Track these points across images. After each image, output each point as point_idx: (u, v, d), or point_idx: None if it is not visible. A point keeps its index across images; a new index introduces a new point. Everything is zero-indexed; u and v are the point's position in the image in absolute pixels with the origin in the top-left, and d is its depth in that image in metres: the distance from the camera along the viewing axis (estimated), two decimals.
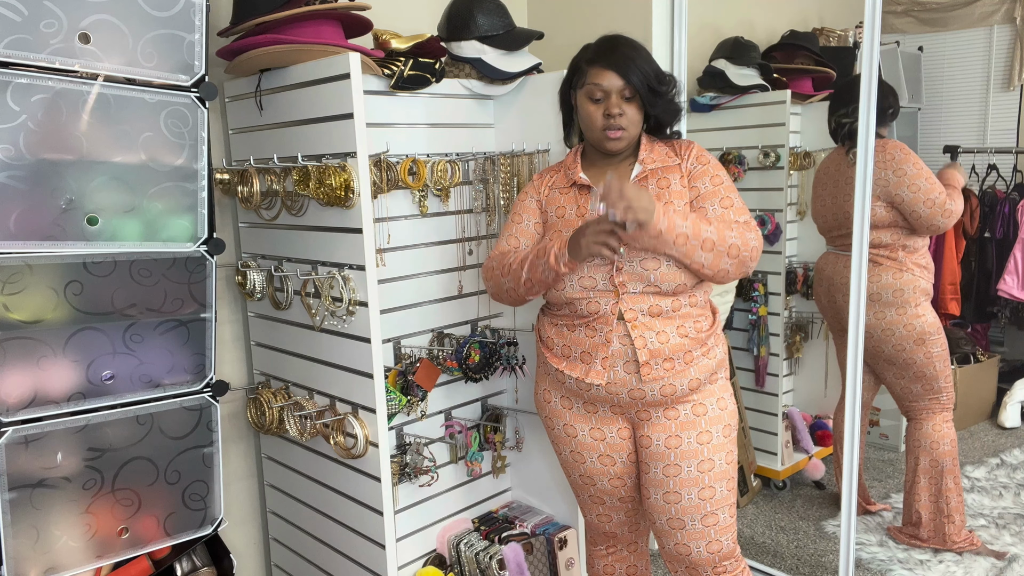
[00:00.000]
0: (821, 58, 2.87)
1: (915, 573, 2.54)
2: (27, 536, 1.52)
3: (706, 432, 1.72)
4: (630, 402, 1.72)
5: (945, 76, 4.35)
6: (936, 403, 2.65)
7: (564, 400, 1.82)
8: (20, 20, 1.38)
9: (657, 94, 1.70)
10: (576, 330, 1.73)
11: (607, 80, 1.66)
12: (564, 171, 1.84)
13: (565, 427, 1.83)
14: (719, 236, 1.62)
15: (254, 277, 2.01)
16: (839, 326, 2.77)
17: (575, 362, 1.74)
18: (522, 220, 1.85)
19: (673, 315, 1.69)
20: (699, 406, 1.73)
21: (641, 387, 1.68)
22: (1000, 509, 2.92)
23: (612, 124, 1.68)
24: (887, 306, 2.55)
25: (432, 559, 2.28)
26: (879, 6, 1.95)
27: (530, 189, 1.87)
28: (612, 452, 1.81)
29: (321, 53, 1.73)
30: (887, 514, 2.93)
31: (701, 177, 1.73)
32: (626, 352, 1.67)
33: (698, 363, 1.70)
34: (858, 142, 2.06)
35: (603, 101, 1.68)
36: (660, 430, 1.73)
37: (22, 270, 1.46)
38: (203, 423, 1.70)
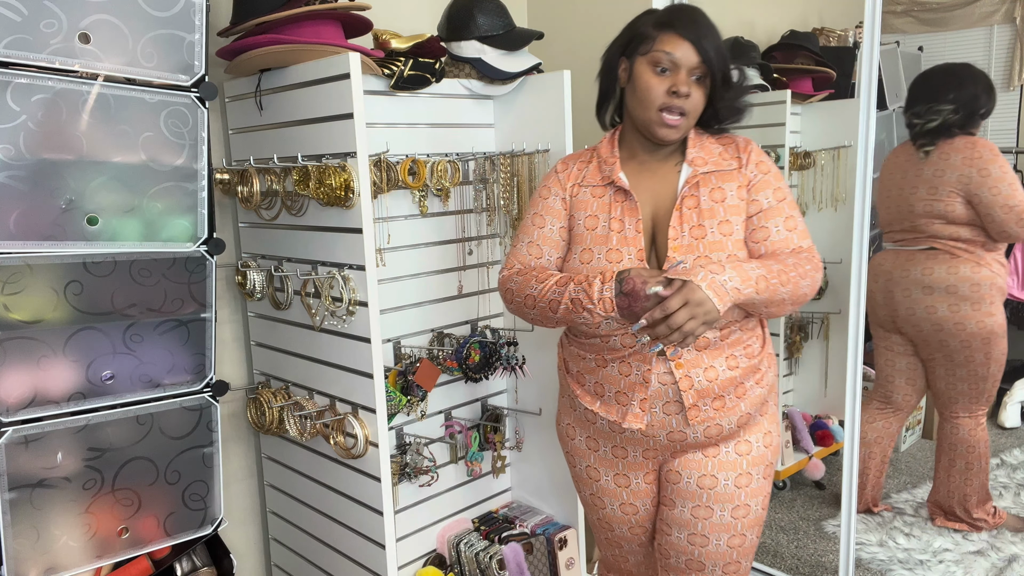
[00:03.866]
0: (821, 58, 2.87)
1: (915, 573, 2.54)
2: (27, 536, 1.52)
3: (746, 474, 1.50)
4: (667, 444, 1.51)
5: None
6: (976, 406, 2.68)
7: (590, 441, 1.61)
8: (20, 20, 1.38)
9: (729, 83, 1.46)
10: (608, 366, 1.50)
11: (681, 51, 1.40)
12: (598, 163, 1.55)
13: (588, 469, 1.65)
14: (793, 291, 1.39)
15: (254, 277, 2.01)
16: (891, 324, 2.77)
17: (609, 403, 1.51)
18: (544, 224, 1.58)
19: (722, 345, 1.45)
20: (743, 443, 1.51)
21: (683, 430, 1.47)
22: (1000, 508, 2.92)
23: (674, 104, 1.41)
24: (962, 300, 2.53)
25: (432, 559, 2.28)
26: (879, 6, 1.95)
27: (553, 183, 1.59)
28: (635, 500, 1.62)
29: (321, 53, 1.73)
30: (887, 514, 2.93)
31: (763, 189, 1.47)
32: (667, 392, 1.45)
33: (750, 395, 1.48)
34: (858, 142, 2.06)
35: (669, 74, 1.41)
36: (693, 467, 1.51)
37: (22, 270, 1.46)
38: (203, 423, 1.70)
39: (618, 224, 1.48)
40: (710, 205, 1.45)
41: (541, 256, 1.57)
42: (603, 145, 1.56)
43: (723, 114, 1.51)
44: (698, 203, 1.45)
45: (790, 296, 1.39)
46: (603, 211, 1.51)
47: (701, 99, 1.44)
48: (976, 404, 2.67)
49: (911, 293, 2.62)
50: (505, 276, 1.59)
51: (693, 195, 1.46)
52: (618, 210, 1.49)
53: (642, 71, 1.44)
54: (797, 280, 1.40)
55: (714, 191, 1.46)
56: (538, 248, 1.57)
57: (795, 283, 1.39)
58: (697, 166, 1.48)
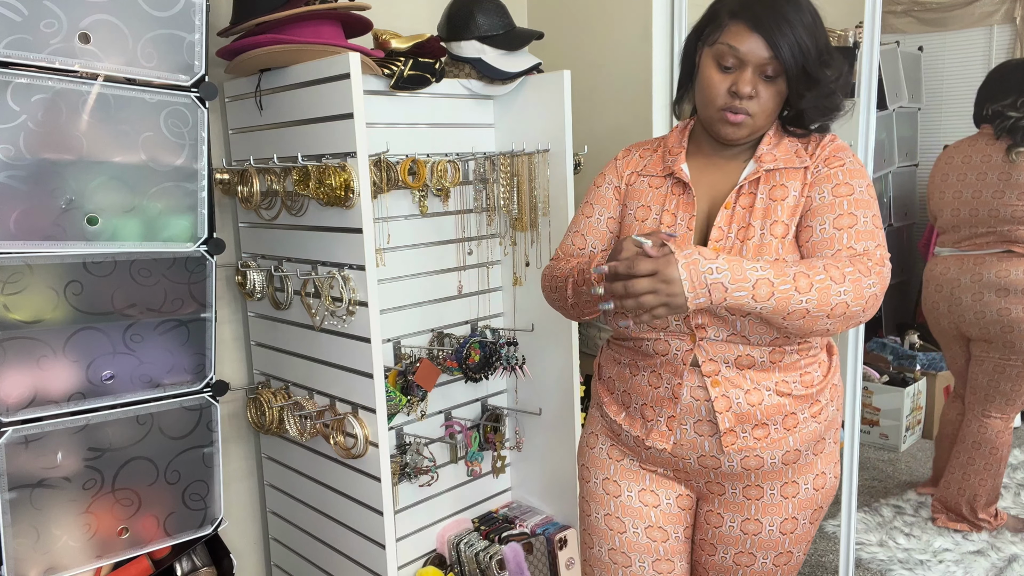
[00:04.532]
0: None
1: (915, 573, 2.54)
2: (27, 536, 1.52)
3: (791, 519, 1.34)
4: (699, 470, 1.34)
5: (945, 76, 4.35)
6: (1011, 409, 2.69)
7: (615, 450, 1.43)
8: (20, 20, 1.38)
9: (812, 81, 1.24)
10: (639, 374, 1.35)
11: (748, 45, 1.22)
12: (663, 152, 1.40)
13: (605, 482, 1.41)
14: (822, 300, 1.14)
15: (254, 277, 2.01)
16: (955, 331, 2.74)
17: (634, 416, 1.37)
18: (593, 213, 1.43)
19: (772, 367, 1.27)
20: (790, 485, 1.33)
21: (717, 455, 1.30)
22: (1000, 509, 2.92)
23: (735, 106, 1.25)
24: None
25: (432, 559, 2.28)
26: (879, 6, 1.95)
27: (609, 170, 1.46)
28: (666, 524, 1.38)
29: (321, 53, 1.73)
30: (887, 514, 2.93)
31: (822, 183, 1.27)
32: (699, 409, 1.28)
33: (803, 428, 1.29)
34: (858, 142, 2.06)
35: (734, 71, 1.25)
36: (736, 510, 1.36)
37: (22, 270, 1.46)
38: (203, 423, 1.70)
39: (670, 218, 1.33)
40: (766, 204, 1.28)
41: (584, 247, 1.43)
42: (672, 135, 1.41)
43: (809, 116, 1.31)
44: (753, 202, 1.29)
45: (817, 307, 1.14)
46: (657, 202, 1.36)
47: (772, 100, 1.26)
48: (1011, 407, 2.68)
49: (983, 296, 2.59)
50: (545, 268, 1.48)
51: (750, 193, 1.30)
52: (673, 203, 1.34)
53: (706, 65, 1.28)
54: (828, 286, 1.14)
55: (775, 189, 1.28)
56: (582, 238, 1.44)
57: (824, 290, 1.14)
58: (763, 163, 1.30)
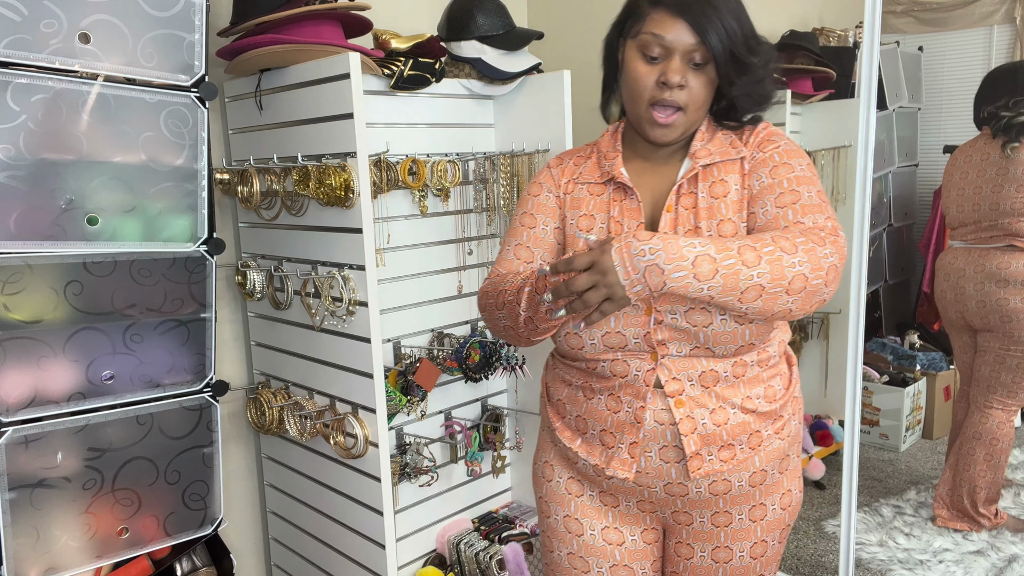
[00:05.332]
0: (821, 58, 2.88)
1: (915, 573, 2.54)
2: (27, 536, 1.52)
3: (761, 543, 1.30)
4: (666, 499, 1.26)
5: (945, 76, 4.35)
6: (1013, 401, 2.71)
7: (573, 483, 1.34)
8: (20, 20, 1.38)
9: (743, 67, 1.18)
10: (595, 398, 1.25)
11: (673, 32, 1.15)
12: (598, 158, 1.33)
13: (567, 520, 1.33)
14: (775, 274, 1.05)
15: (254, 277, 2.01)
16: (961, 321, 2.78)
17: (592, 443, 1.27)
18: (536, 223, 1.33)
19: (736, 382, 1.21)
20: (758, 508, 1.27)
21: (684, 483, 1.23)
22: (1000, 509, 2.92)
23: (665, 99, 1.18)
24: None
25: (432, 559, 2.28)
26: (879, 6, 1.95)
27: (545, 179, 1.36)
28: (633, 562, 1.33)
29: (321, 53, 1.73)
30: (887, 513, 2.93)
31: (758, 169, 1.21)
32: (664, 434, 1.20)
33: (767, 447, 1.24)
34: (858, 142, 2.06)
35: (660, 61, 1.18)
36: (705, 539, 1.30)
37: (22, 270, 1.46)
38: (203, 423, 1.70)
39: (616, 226, 1.26)
40: (709, 203, 1.21)
41: (532, 259, 1.32)
42: (604, 139, 1.35)
43: (744, 104, 1.24)
44: (695, 201, 1.23)
45: (772, 281, 1.05)
46: (600, 210, 1.28)
47: (703, 89, 1.19)
48: (1013, 399, 2.70)
49: (984, 286, 2.65)
50: (482, 287, 1.35)
51: (691, 192, 1.23)
52: (616, 209, 1.27)
53: (630, 58, 1.21)
54: (779, 257, 1.05)
55: (714, 185, 1.22)
56: (528, 251, 1.33)
57: (776, 261, 1.05)
58: (698, 158, 1.24)
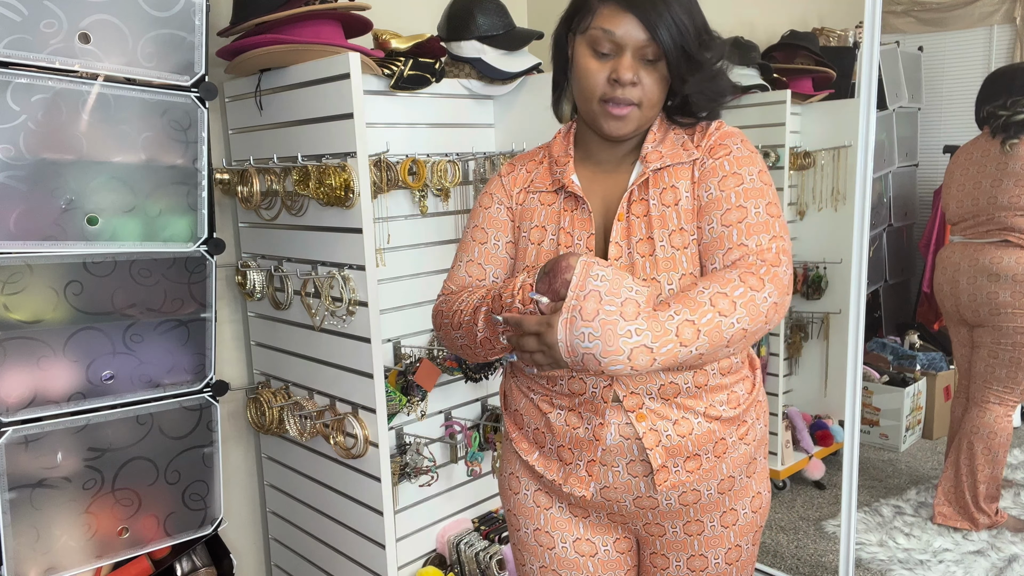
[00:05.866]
0: (821, 58, 2.88)
1: (915, 573, 2.54)
2: (27, 536, 1.52)
3: (736, 548, 1.28)
4: (636, 512, 1.23)
5: (945, 76, 4.35)
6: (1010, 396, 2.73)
7: (541, 495, 1.29)
8: (20, 20, 1.38)
9: (694, 63, 1.14)
10: (553, 412, 1.21)
11: (623, 28, 1.11)
12: (549, 164, 1.27)
13: (536, 533, 1.29)
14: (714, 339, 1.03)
15: (254, 277, 2.01)
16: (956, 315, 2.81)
17: (550, 457, 1.23)
18: (487, 238, 1.29)
19: (698, 392, 1.17)
20: (729, 513, 1.25)
21: (654, 495, 1.20)
22: (1000, 509, 2.92)
23: (618, 96, 1.14)
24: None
25: (432, 559, 2.28)
26: (879, 6, 1.95)
27: (496, 189, 1.30)
28: (606, 572, 1.29)
29: (321, 53, 1.73)
30: (887, 513, 2.93)
31: (708, 179, 1.16)
32: (631, 448, 1.16)
33: (732, 453, 1.21)
34: (858, 142, 2.07)
35: (611, 58, 1.14)
36: (680, 548, 1.27)
37: (22, 270, 1.46)
38: (203, 423, 1.70)
39: (567, 237, 1.20)
40: (660, 211, 1.16)
41: (484, 277, 1.28)
42: (556, 142, 1.28)
43: (698, 102, 1.20)
44: (647, 209, 1.17)
45: (712, 346, 1.03)
46: (551, 220, 1.23)
47: (656, 86, 1.15)
48: (1010, 394, 2.72)
49: (976, 280, 2.68)
50: (435, 305, 1.31)
51: (642, 199, 1.18)
52: (567, 220, 1.21)
53: (580, 54, 1.17)
54: (718, 323, 1.03)
55: (665, 192, 1.17)
56: (480, 268, 1.28)
57: (715, 329, 1.03)
58: (649, 162, 1.18)
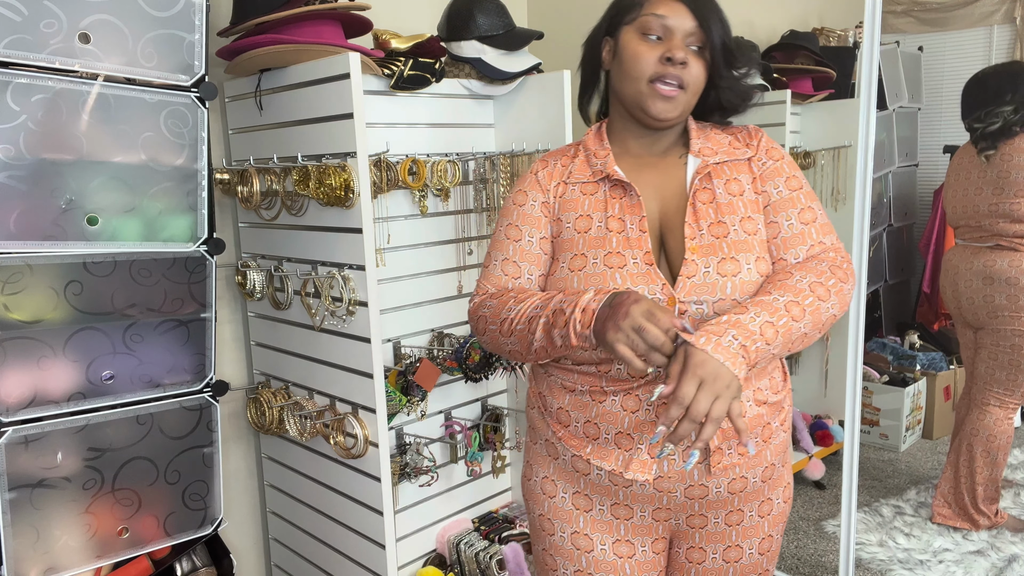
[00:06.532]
0: (821, 58, 2.88)
1: (915, 573, 2.54)
2: (27, 536, 1.52)
3: (768, 538, 1.29)
4: (684, 503, 1.22)
5: (945, 76, 4.35)
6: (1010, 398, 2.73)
7: (580, 498, 1.27)
8: (20, 20, 1.38)
9: (731, 58, 1.21)
10: (607, 399, 1.19)
11: (674, 14, 1.17)
12: (587, 156, 1.28)
13: (574, 536, 1.28)
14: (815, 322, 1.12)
15: (254, 277, 2.01)
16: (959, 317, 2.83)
17: (606, 447, 1.20)
18: (521, 236, 1.29)
19: (749, 375, 1.18)
20: (766, 503, 1.27)
21: (705, 483, 1.19)
22: (1001, 509, 2.92)
23: (669, 73, 1.16)
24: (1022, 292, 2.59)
25: (432, 559, 2.28)
26: (879, 6, 1.95)
27: (530, 186, 1.30)
28: (641, 574, 1.28)
29: (321, 53, 1.72)
30: (887, 513, 2.93)
31: (773, 178, 1.23)
32: None
33: (775, 439, 1.24)
34: (858, 142, 2.07)
35: (662, 41, 1.18)
36: (718, 540, 1.27)
37: (22, 270, 1.46)
38: (203, 423, 1.70)
39: (617, 223, 1.20)
40: (728, 199, 1.21)
41: (519, 275, 1.28)
42: (589, 138, 1.31)
43: (727, 99, 1.26)
44: (713, 196, 1.21)
45: (812, 328, 1.12)
46: (597, 209, 1.23)
47: (701, 73, 1.20)
48: (1010, 396, 2.72)
49: (972, 283, 2.70)
50: (476, 303, 1.29)
51: (706, 187, 1.21)
52: (616, 207, 1.22)
53: (629, 40, 1.20)
54: (817, 306, 1.12)
55: (730, 183, 1.22)
56: (515, 266, 1.28)
57: (815, 311, 1.12)
58: (706, 156, 1.23)
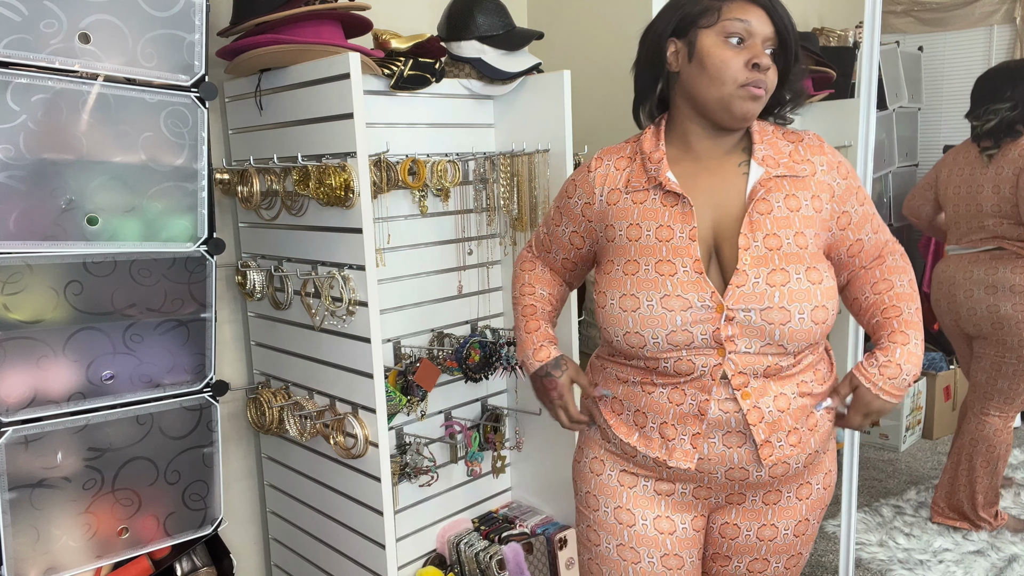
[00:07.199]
0: (821, 58, 2.88)
1: (915, 573, 2.54)
2: (27, 536, 1.52)
3: (804, 521, 1.35)
4: (725, 483, 1.29)
5: (945, 76, 4.35)
6: (1010, 408, 2.69)
7: (625, 476, 1.35)
8: (20, 20, 1.38)
9: (796, 60, 1.25)
10: (655, 391, 1.27)
11: (755, 18, 1.19)
12: (642, 161, 1.31)
13: (617, 511, 1.35)
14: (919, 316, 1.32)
15: (254, 277, 2.01)
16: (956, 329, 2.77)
17: (651, 436, 1.29)
18: (560, 223, 1.43)
19: (793, 371, 1.25)
20: (804, 487, 1.33)
21: (746, 467, 1.26)
22: (1001, 509, 2.92)
23: (758, 79, 1.19)
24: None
25: (432, 559, 2.28)
26: (879, 6, 1.95)
27: (582, 183, 1.37)
28: (682, 551, 1.34)
29: (321, 53, 1.73)
30: (887, 513, 2.93)
31: (849, 197, 1.29)
32: (728, 421, 1.23)
33: (820, 428, 1.30)
34: (858, 142, 2.06)
35: (744, 45, 1.20)
36: (753, 518, 1.34)
37: (22, 270, 1.46)
38: (203, 423, 1.70)
39: (667, 232, 1.25)
40: (785, 213, 1.24)
41: (550, 251, 1.51)
42: (647, 139, 1.32)
43: (789, 97, 1.30)
44: (771, 209, 1.24)
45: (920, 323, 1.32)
46: (647, 218, 1.27)
47: (775, 76, 1.23)
48: (1010, 406, 2.68)
49: (973, 293, 2.63)
50: (521, 256, 1.59)
51: (765, 199, 1.24)
52: (666, 216, 1.25)
53: (711, 45, 1.21)
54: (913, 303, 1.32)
55: (788, 198, 1.25)
56: (549, 243, 1.50)
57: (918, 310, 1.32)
58: (769, 167, 1.25)
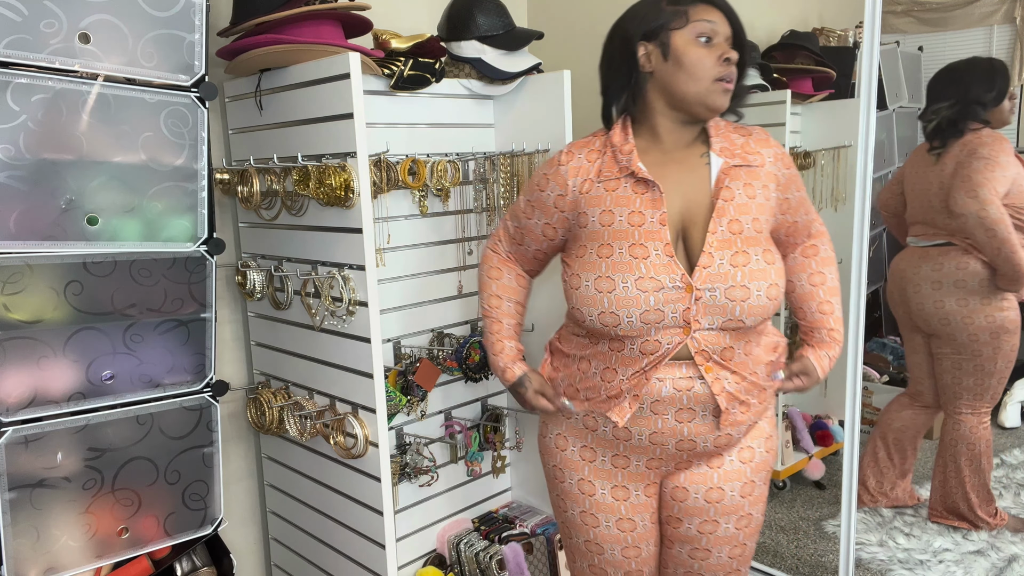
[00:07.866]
0: (821, 58, 2.88)
1: (915, 573, 2.54)
2: (27, 536, 1.52)
3: (750, 483, 1.46)
4: (675, 453, 1.42)
5: None
6: (981, 403, 2.68)
7: (585, 451, 1.50)
8: (20, 20, 1.38)
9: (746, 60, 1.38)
10: (619, 370, 1.39)
11: (718, 20, 1.33)
12: (613, 153, 1.40)
13: (580, 483, 1.51)
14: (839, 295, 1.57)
15: (254, 277, 2.01)
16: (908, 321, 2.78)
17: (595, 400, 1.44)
18: (532, 215, 1.51)
19: (749, 344, 1.39)
20: (746, 450, 1.45)
21: (693, 438, 1.39)
22: (1001, 509, 2.92)
23: (729, 73, 1.33)
24: (971, 294, 2.53)
25: (432, 559, 2.28)
26: (879, 6, 1.95)
27: (554, 176, 1.45)
28: (634, 515, 1.50)
29: (321, 53, 1.73)
30: (887, 514, 2.93)
31: (791, 187, 1.44)
32: (680, 399, 1.36)
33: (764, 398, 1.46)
34: (858, 142, 2.07)
35: (712, 44, 1.33)
36: (700, 481, 1.45)
37: (22, 270, 1.46)
38: (203, 423, 1.70)
39: (638, 217, 1.35)
40: (744, 200, 1.36)
41: (522, 244, 1.57)
42: (616, 133, 1.42)
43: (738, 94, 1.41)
44: (733, 196, 1.36)
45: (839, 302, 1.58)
46: (620, 204, 1.36)
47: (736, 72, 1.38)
48: (980, 401, 2.67)
49: (921, 289, 2.63)
50: (487, 256, 1.64)
51: (728, 187, 1.36)
52: (638, 202, 1.36)
53: (684, 44, 1.32)
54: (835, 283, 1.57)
55: (746, 187, 1.37)
56: (521, 236, 1.57)
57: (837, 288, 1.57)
58: (727, 158, 1.38)
